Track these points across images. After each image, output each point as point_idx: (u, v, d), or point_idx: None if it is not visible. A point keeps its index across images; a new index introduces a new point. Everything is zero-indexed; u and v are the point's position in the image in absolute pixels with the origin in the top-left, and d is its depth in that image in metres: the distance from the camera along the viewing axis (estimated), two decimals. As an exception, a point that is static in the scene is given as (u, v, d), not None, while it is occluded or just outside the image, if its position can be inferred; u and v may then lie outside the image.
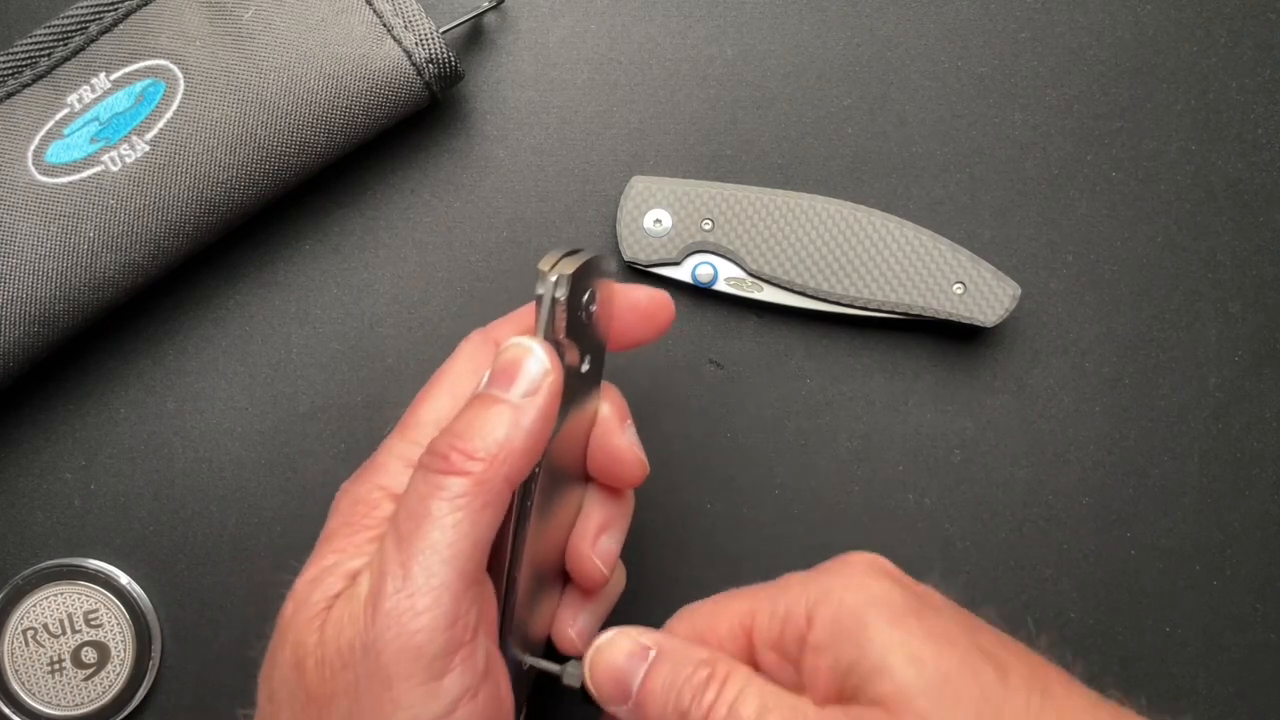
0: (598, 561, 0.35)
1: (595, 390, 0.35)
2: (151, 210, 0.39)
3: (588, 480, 0.36)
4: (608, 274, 0.33)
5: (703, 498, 0.43)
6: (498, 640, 0.31)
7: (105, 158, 0.38)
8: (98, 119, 0.39)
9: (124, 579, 0.42)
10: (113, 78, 0.39)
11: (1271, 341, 0.44)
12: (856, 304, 0.42)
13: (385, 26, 0.40)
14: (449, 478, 0.29)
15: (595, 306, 0.33)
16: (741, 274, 0.43)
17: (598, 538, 0.35)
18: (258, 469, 0.43)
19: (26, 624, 0.41)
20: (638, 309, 0.35)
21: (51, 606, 0.41)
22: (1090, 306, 0.44)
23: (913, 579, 0.31)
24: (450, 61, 0.40)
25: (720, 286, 0.43)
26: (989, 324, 0.42)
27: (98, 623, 0.42)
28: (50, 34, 0.39)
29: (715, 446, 0.43)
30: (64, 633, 0.41)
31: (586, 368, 0.33)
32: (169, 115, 0.39)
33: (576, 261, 0.31)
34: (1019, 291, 0.42)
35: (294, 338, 0.43)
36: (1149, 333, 0.44)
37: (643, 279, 0.43)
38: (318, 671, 0.29)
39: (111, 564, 0.42)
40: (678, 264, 0.43)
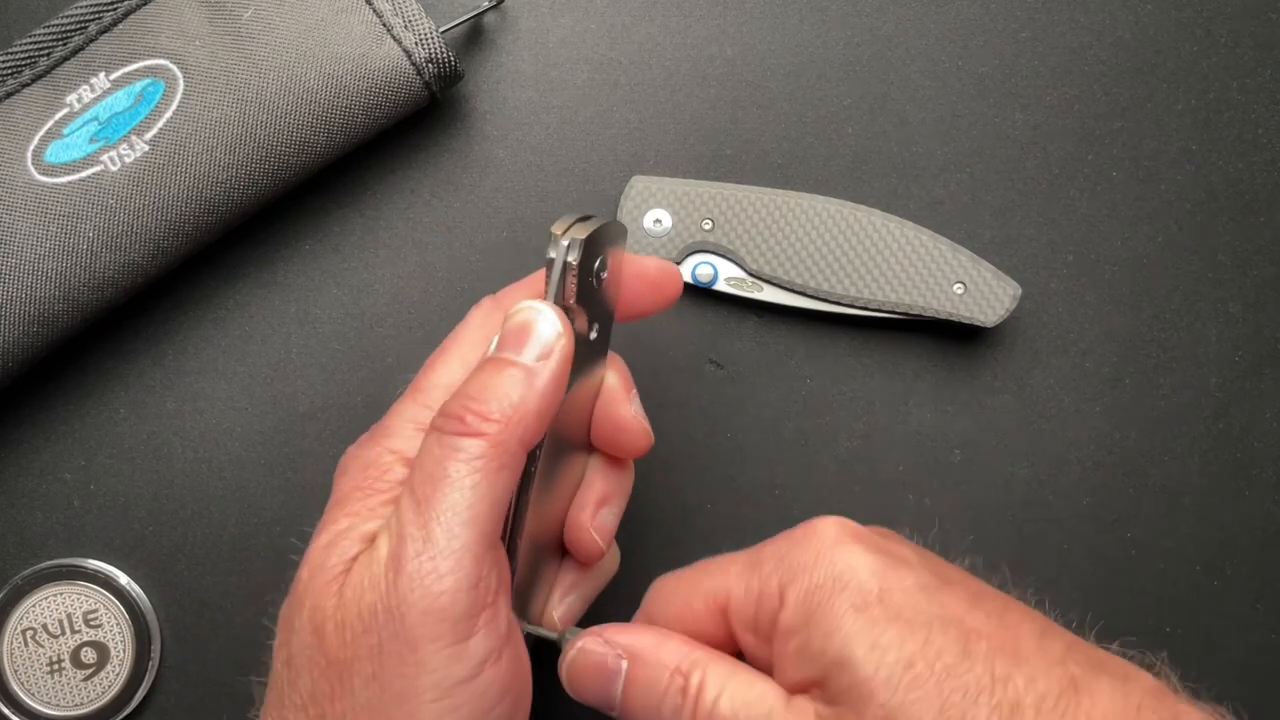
0: (595, 534, 0.35)
1: (602, 360, 0.35)
2: (151, 210, 0.39)
3: (590, 451, 0.36)
4: (619, 242, 0.33)
5: (703, 498, 0.43)
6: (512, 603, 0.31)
7: (105, 157, 0.38)
8: (97, 119, 0.39)
9: (123, 579, 0.42)
10: (112, 77, 0.39)
11: (1271, 341, 0.44)
12: (857, 304, 0.42)
13: (385, 26, 0.40)
14: (465, 439, 0.29)
15: (606, 274, 0.32)
16: (741, 274, 0.43)
17: (597, 510, 0.35)
18: (258, 469, 0.43)
19: (26, 624, 0.41)
20: (646, 278, 0.35)
21: (51, 607, 0.41)
22: (1090, 306, 0.44)
23: (880, 532, 0.31)
24: (450, 61, 0.40)
25: (720, 286, 0.43)
26: (989, 324, 0.42)
27: (97, 623, 0.42)
28: (50, 34, 0.39)
29: (715, 446, 0.43)
30: (63, 633, 0.41)
31: (594, 335, 0.33)
32: (168, 115, 0.39)
33: (590, 226, 0.31)
34: (1019, 291, 0.42)
35: (294, 338, 0.43)
36: (1149, 333, 0.44)
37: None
38: (338, 635, 0.28)
39: (111, 564, 0.42)
40: (678, 264, 0.43)
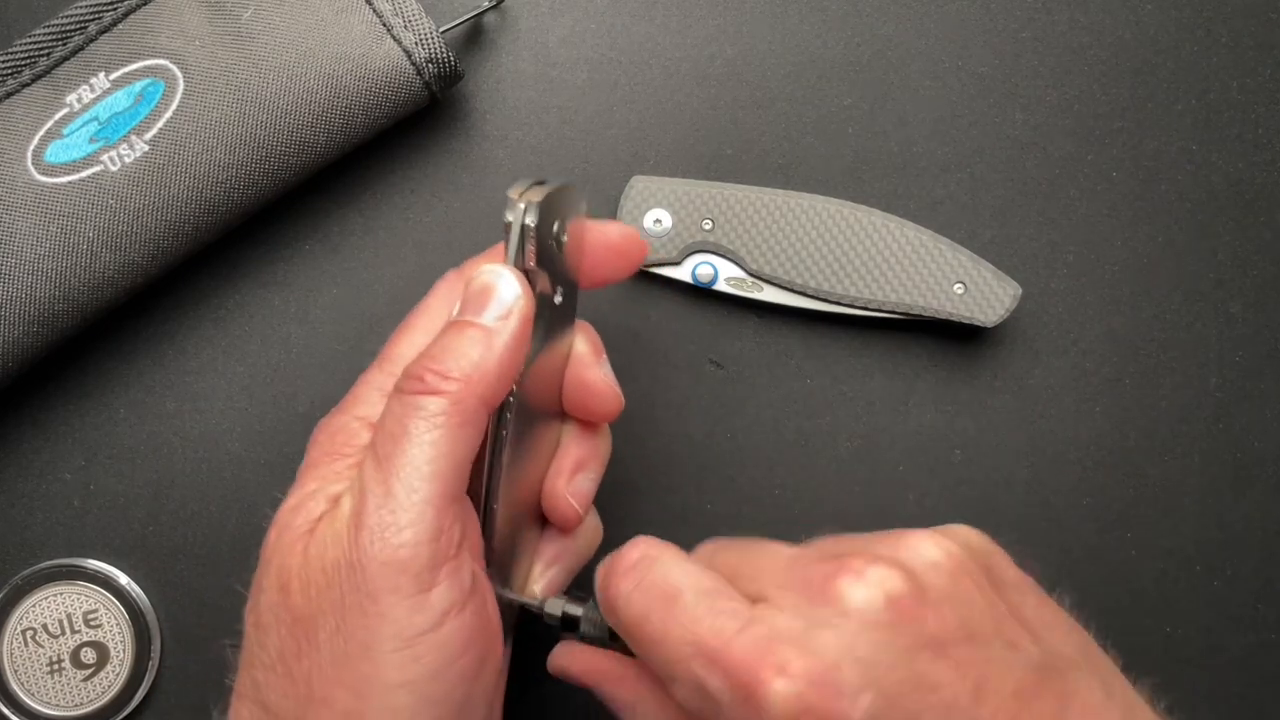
0: (571, 499, 0.35)
1: (570, 326, 0.35)
2: (151, 210, 0.39)
3: (564, 418, 0.36)
4: (578, 207, 0.34)
5: (703, 498, 0.43)
6: (484, 565, 0.32)
7: (104, 157, 0.38)
8: (97, 119, 0.39)
9: (123, 579, 0.42)
10: (112, 77, 0.39)
11: (1272, 341, 0.44)
12: (857, 304, 0.42)
13: (385, 26, 0.40)
14: (425, 398, 0.29)
15: (566, 237, 0.33)
16: (741, 274, 0.43)
17: (573, 475, 0.35)
18: (258, 469, 0.43)
19: (26, 624, 0.41)
20: (609, 244, 0.35)
21: (51, 607, 0.41)
22: (1090, 306, 0.44)
23: (927, 607, 0.28)
24: (450, 61, 0.40)
25: (720, 286, 0.43)
26: (989, 324, 0.42)
27: (97, 623, 0.42)
28: (49, 33, 0.39)
29: (715, 446, 0.43)
30: (63, 633, 0.41)
31: (560, 300, 0.33)
32: (168, 115, 0.39)
33: (545, 190, 0.31)
34: (1019, 291, 0.42)
35: (294, 338, 0.43)
36: (1149, 333, 0.44)
37: (643, 278, 0.43)
38: (303, 592, 0.29)
39: (111, 564, 0.42)
40: (678, 264, 0.43)
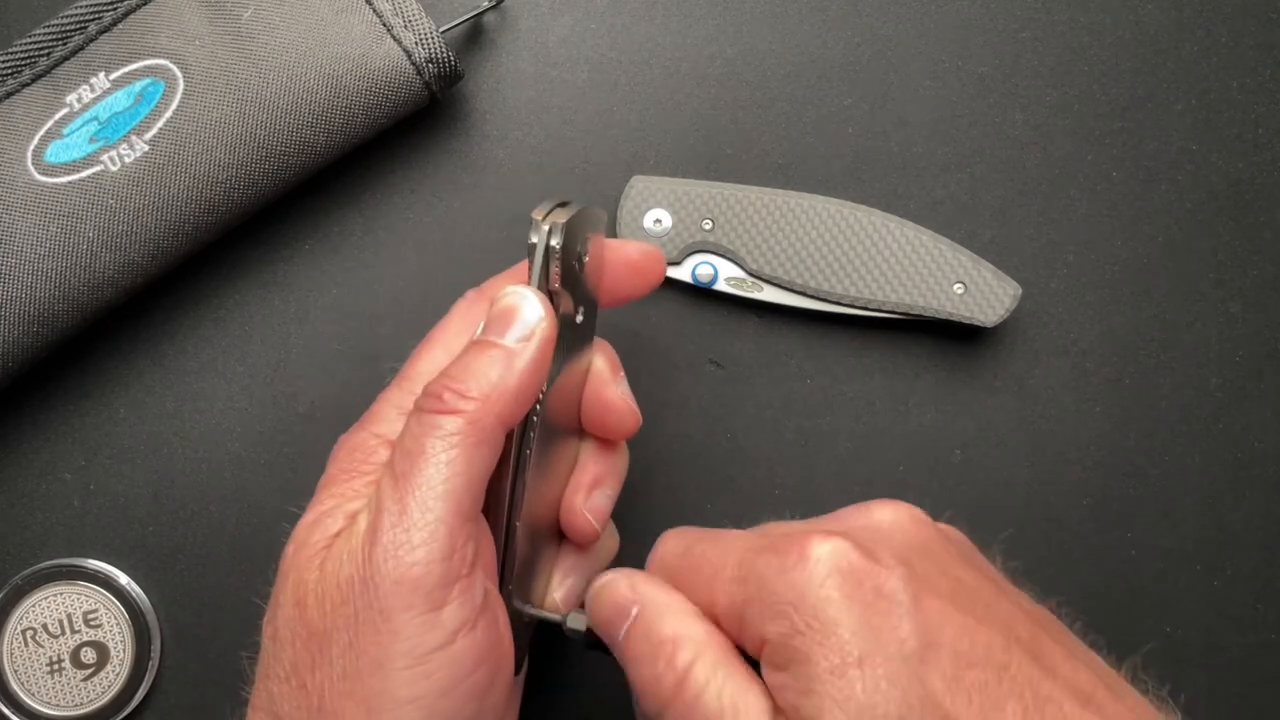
0: (589, 515, 0.35)
1: (589, 344, 0.35)
2: (151, 210, 0.39)
3: (583, 435, 0.36)
4: (599, 226, 0.34)
5: (703, 498, 0.43)
6: (497, 582, 0.32)
7: (104, 157, 0.38)
8: (97, 118, 0.39)
9: (123, 579, 0.42)
10: (112, 77, 0.39)
11: (1272, 341, 0.44)
12: (857, 304, 0.42)
13: (385, 26, 0.40)
14: (443, 417, 0.29)
15: (588, 257, 0.33)
16: (741, 274, 0.43)
17: (591, 492, 0.35)
18: (258, 469, 0.43)
19: (26, 624, 0.41)
20: (629, 263, 0.35)
21: (51, 607, 0.41)
22: (1090, 306, 0.44)
23: (885, 559, 0.29)
24: (450, 61, 0.40)
25: (720, 286, 0.43)
26: (989, 324, 0.42)
27: (97, 623, 0.42)
28: (50, 33, 0.39)
29: (715, 446, 0.43)
30: (63, 633, 0.41)
31: (580, 320, 0.34)
32: (168, 115, 0.39)
33: (570, 211, 0.32)
34: (1019, 291, 0.42)
35: (294, 338, 0.43)
36: (1149, 333, 0.44)
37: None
38: (318, 607, 0.29)
39: (111, 564, 0.42)
40: (678, 264, 0.43)
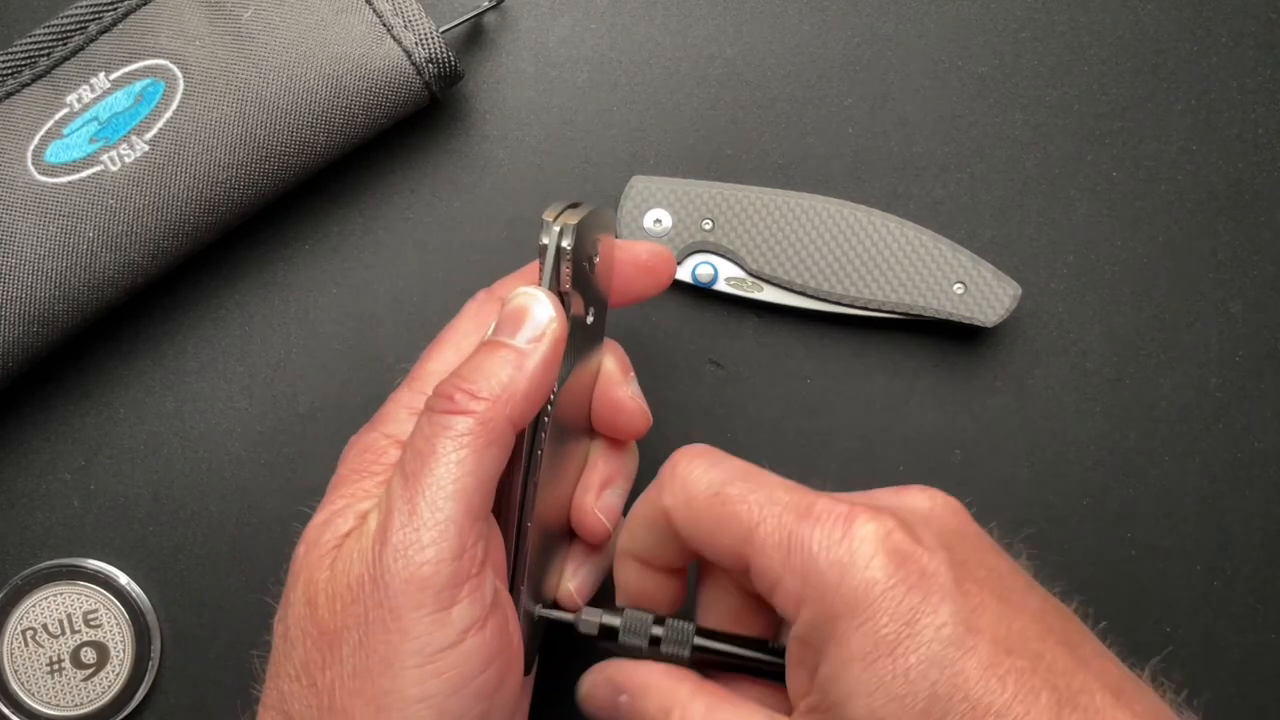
0: (600, 515, 0.35)
1: (599, 345, 0.35)
2: (151, 210, 0.39)
3: (593, 436, 0.36)
4: (609, 227, 0.34)
5: (703, 498, 0.43)
6: (507, 582, 0.32)
7: (104, 157, 0.38)
8: (97, 119, 0.39)
9: (123, 579, 0.42)
10: (112, 77, 0.39)
11: (1272, 341, 0.44)
12: (857, 304, 0.42)
13: (385, 26, 0.40)
14: (453, 417, 0.30)
15: (598, 258, 0.34)
16: (741, 274, 0.43)
17: (601, 491, 0.36)
18: (258, 469, 0.43)
19: (26, 624, 0.41)
20: (638, 263, 0.36)
21: (51, 607, 0.41)
22: (1090, 306, 0.44)
23: (929, 540, 0.28)
24: (450, 61, 0.40)
25: (720, 286, 0.43)
26: (989, 324, 0.42)
27: (97, 623, 0.42)
28: (50, 34, 0.39)
29: (715, 446, 0.43)
30: (63, 633, 0.41)
31: (591, 320, 0.34)
32: (168, 115, 0.39)
33: (580, 212, 0.32)
34: (1019, 291, 0.42)
35: (294, 338, 0.43)
36: (1149, 333, 0.44)
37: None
38: (329, 606, 0.29)
39: (111, 564, 0.42)
40: (678, 264, 0.43)
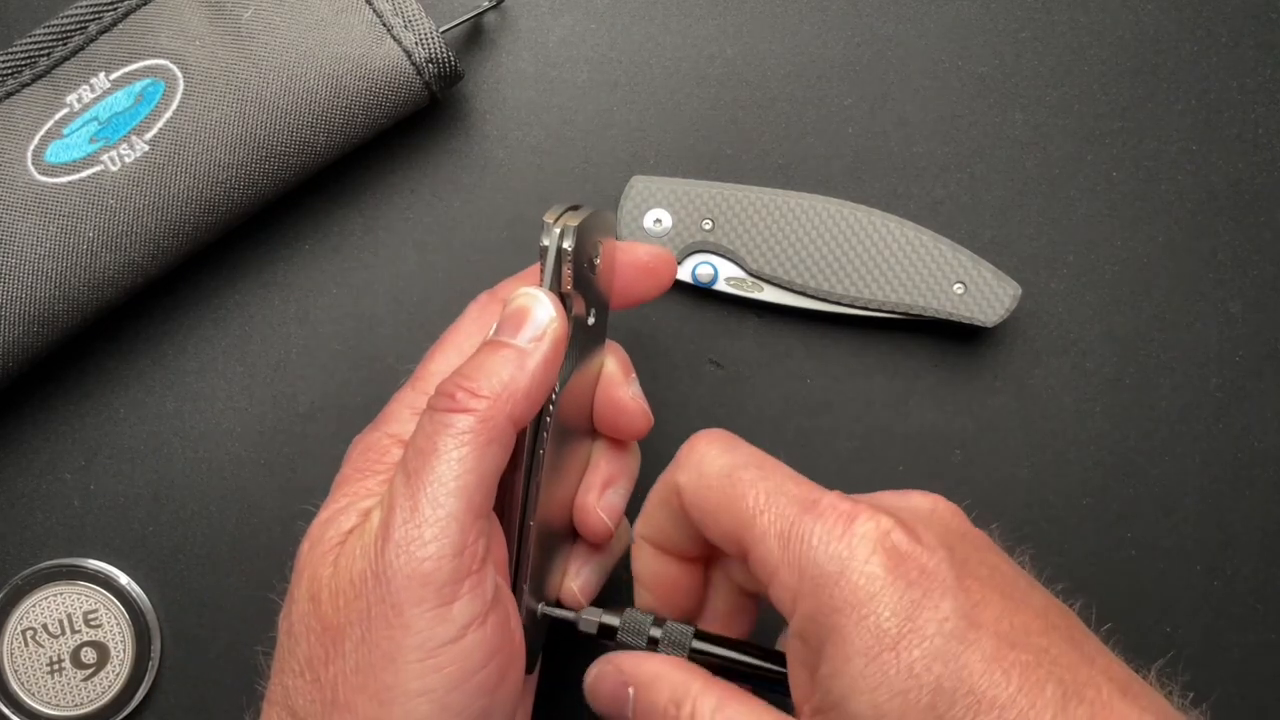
0: (602, 514, 0.35)
1: (601, 346, 0.36)
2: (151, 210, 0.39)
3: (595, 436, 0.37)
4: (610, 229, 0.34)
5: (703, 498, 0.43)
6: (509, 580, 0.32)
7: (105, 157, 0.38)
8: (97, 119, 0.39)
9: (123, 579, 0.42)
10: (112, 77, 0.39)
11: (1272, 341, 0.44)
12: (857, 304, 0.42)
13: (385, 26, 0.40)
14: (454, 415, 0.30)
15: (599, 260, 0.34)
16: (741, 274, 0.43)
17: (603, 491, 0.36)
18: (258, 469, 0.43)
19: (26, 624, 0.41)
20: (640, 265, 0.36)
21: (51, 607, 0.41)
22: (1090, 306, 0.44)
23: (929, 540, 0.29)
24: (450, 61, 0.40)
25: (720, 286, 0.43)
26: (989, 324, 0.42)
27: (97, 623, 0.42)
28: (50, 34, 0.39)
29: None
30: (63, 633, 0.41)
31: (592, 321, 0.34)
32: (168, 115, 0.39)
33: (581, 214, 0.32)
34: (1019, 291, 0.42)
35: (294, 338, 0.43)
36: (1149, 333, 0.44)
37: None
38: (332, 602, 0.30)
39: (111, 564, 0.42)
40: (678, 264, 0.43)
